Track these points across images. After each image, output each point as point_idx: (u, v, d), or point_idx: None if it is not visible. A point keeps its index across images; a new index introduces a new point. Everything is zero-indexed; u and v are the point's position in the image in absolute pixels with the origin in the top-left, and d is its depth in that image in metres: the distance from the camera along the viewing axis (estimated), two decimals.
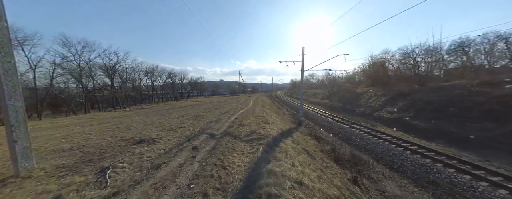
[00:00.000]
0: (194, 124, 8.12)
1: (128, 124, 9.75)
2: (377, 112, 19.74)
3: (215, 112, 12.05)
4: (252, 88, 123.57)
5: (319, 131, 14.31)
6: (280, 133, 6.84)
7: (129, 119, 12.70)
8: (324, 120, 19.35)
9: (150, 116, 13.81)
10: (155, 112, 17.34)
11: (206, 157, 4.22)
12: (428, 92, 18.31)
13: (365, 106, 22.70)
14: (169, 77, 55.40)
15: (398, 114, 17.08)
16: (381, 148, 10.40)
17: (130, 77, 38.94)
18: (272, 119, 8.90)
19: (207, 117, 9.70)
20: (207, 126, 7.66)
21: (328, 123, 17.73)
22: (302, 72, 17.29)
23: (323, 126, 16.98)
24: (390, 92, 22.47)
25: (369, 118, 19.71)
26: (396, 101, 19.81)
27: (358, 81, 39.10)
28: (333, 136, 11.95)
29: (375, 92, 24.65)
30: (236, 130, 6.89)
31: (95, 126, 10.11)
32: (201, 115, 10.30)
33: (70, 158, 4.40)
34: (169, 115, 13.05)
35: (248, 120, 8.68)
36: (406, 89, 21.21)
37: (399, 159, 8.83)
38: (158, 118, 12.08)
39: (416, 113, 16.16)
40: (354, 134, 13.44)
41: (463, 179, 6.74)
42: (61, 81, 28.74)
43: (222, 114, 10.72)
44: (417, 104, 17.14)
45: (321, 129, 15.77)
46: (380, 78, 27.30)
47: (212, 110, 13.29)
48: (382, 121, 17.66)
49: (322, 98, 38.95)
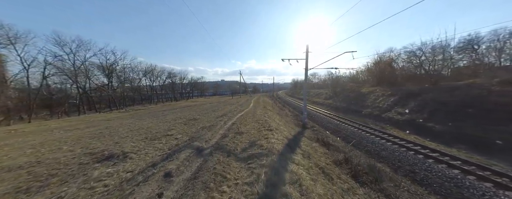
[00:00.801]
0: (184, 131, 7.10)
1: (115, 128, 8.77)
2: (386, 113, 18.57)
3: (212, 114, 11.02)
4: (253, 88, 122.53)
5: (325, 134, 13.21)
6: (286, 143, 5.69)
7: (119, 122, 11.73)
8: (329, 122, 18.23)
9: (143, 118, 12.83)
10: (150, 114, 16.39)
11: (179, 195, 2.89)
12: (440, 92, 17.12)
13: (372, 107, 21.52)
14: (169, 77, 54.58)
15: (410, 115, 15.91)
16: (397, 155, 9.27)
17: (128, 77, 38.09)
18: (275, 124, 7.80)
19: (202, 121, 8.65)
20: (198, 134, 6.53)
21: (334, 125, 16.61)
22: (306, 71, 16.20)
23: (328, 128, 15.87)
24: (398, 92, 21.26)
25: (377, 119, 18.55)
26: (406, 101, 18.62)
27: (362, 80, 37.88)
28: (345, 143, 10.87)
29: (382, 92, 23.46)
30: (232, 141, 5.54)
31: (78, 131, 9.14)
32: (196, 119, 9.27)
33: (6, 183, 3.37)
34: (163, 118, 12.06)
35: (248, 126, 7.43)
36: (416, 89, 20.01)
37: (421, 169, 7.71)
38: (150, 120, 11.10)
39: (430, 114, 14.98)
40: (364, 138, 12.31)
41: (507, 197, 5.62)
42: (58, 82, 28.03)
43: (218, 117, 9.67)
44: (430, 104, 15.96)
45: (327, 131, 14.67)
46: (387, 78, 26.08)
47: (209, 112, 12.27)
48: (392, 123, 16.50)
49: (325, 98, 37.78)
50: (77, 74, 24.79)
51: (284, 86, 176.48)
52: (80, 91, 25.47)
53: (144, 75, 44.06)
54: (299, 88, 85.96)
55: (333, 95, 35.62)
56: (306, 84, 16.51)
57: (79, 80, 27.69)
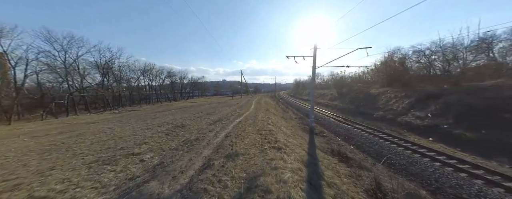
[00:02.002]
0: (160, 146, 5.44)
1: (85, 137, 7.18)
2: (401, 117, 16.74)
3: (205, 119, 9.38)
4: (255, 89, 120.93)
5: (338, 141, 11.48)
6: (305, 176, 3.66)
7: (99, 126, 10.17)
8: (338, 126, 16.47)
9: (129, 122, 11.25)
10: (141, 116, 14.82)
11: None
12: (464, 94, 15.26)
13: (385, 109, 19.69)
14: (168, 77, 53.20)
15: (432, 120, 14.07)
16: (431, 171, 7.52)
17: (125, 77, 36.70)
18: (283, 135, 5.96)
19: (190, 129, 6.95)
20: (172, 156, 4.65)
21: (344, 130, 14.85)
22: (314, 70, 14.47)
23: (339, 133, 14.12)
24: (414, 93, 19.42)
25: (392, 123, 16.72)
26: (425, 103, 16.79)
27: (369, 81, 35.97)
28: (363, 154, 9.13)
29: (395, 94, 21.61)
30: (216, 180, 3.35)
31: (42, 139, 7.56)
32: (184, 126, 7.61)
33: None
34: (150, 121, 10.47)
35: (246, 140, 5.37)
36: (435, 90, 18.16)
37: (471, 195, 5.96)
38: (134, 125, 9.51)
39: (456, 119, 13.14)
40: (383, 147, 10.56)
41: None
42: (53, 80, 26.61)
43: (212, 123, 7.99)
44: (455, 107, 14.11)
45: (338, 138, 12.94)
46: (398, 78, 24.20)
47: (203, 116, 10.64)
48: (410, 128, 14.68)
49: (330, 99, 35.94)
50: (68, 73, 23.36)
51: (286, 86, 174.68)
52: (71, 90, 23.98)
53: (142, 74, 42.68)
54: (301, 89, 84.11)
55: (339, 96, 33.80)
56: (314, 85, 14.78)
57: (72, 79, 26.32)
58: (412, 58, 28.10)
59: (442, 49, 26.03)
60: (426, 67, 27.63)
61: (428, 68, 27.62)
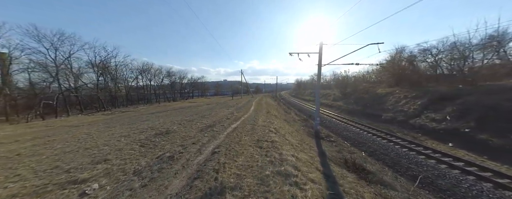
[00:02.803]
0: (124, 166, 4.01)
1: (48, 148, 5.98)
2: (414, 119, 15.44)
3: (198, 123, 8.13)
4: (255, 89, 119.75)
5: (348, 148, 10.23)
6: None
7: (80, 131, 9.00)
8: (346, 129, 15.20)
9: (115, 125, 10.07)
10: (132, 118, 13.66)
11: None
12: (483, 95, 13.95)
13: (395, 111, 18.39)
14: (167, 76, 52.09)
15: (450, 123, 12.77)
16: (466, 188, 6.27)
17: (122, 76, 35.57)
18: (290, 149, 4.53)
19: (174, 137, 5.65)
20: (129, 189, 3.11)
21: (353, 134, 13.59)
22: (320, 67, 13.26)
23: (347, 138, 12.87)
24: (426, 94, 18.11)
25: (403, 126, 15.44)
26: (439, 105, 15.49)
27: (375, 80, 34.65)
28: (380, 164, 7.89)
29: (404, 94, 20.31)
30: None
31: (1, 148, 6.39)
32: (168, 132, 6.31)
33: None
34: (136, 125, 9.29)
35: (240, 159, 3.87)
36: (449, 90, 16.85)
37: None
38: (118, 129, 8.34)
39: (478, 122, 11.83)
40: (401, 154, 9.30)
41: None
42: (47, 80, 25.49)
43: (204, 129, 6.65)
44: (475, 109, 12.80)
45: (346, 142, 11.68)
46: (407, 77, 22.88)
47: (197, 119, 9.42)
48: (425, 132, 13.38)
49: (333, 99, 34.63)
50: (59, 72, 22.24)
51: (287, 86, 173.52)
52: (63, 90, 22.82)
53: (140, 74, 41.61)
54: (302, 89, 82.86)
55: (343, 96, 32.51)
56: (319, 84, 13.55)
57: (66, 79, 25.24)
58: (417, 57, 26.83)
59: (450, 47, 24.80)
60: (433, 67, 26.35)
61: (434, 68, 26.35)
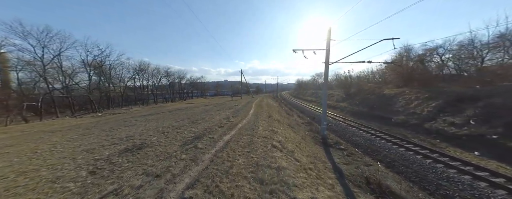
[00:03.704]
0: None
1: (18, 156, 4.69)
2: (429, 123, 14.06)
3: (184, 132, 6.68)
4: (256, 89, 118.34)
5: (363, 158, 8.86)
6: None
7: (50, 139, 7.70)
8: (355, 134, 13.82)
9: (93, 132, 8.76)
10: (118, 122, 12.33)
11: None
12: (509, 96, 12.58)
13: (406, 113, 17.00)
14: (166, 76, 50.81)
15: (474, 128, 11.38)
16: None
17: (117, 76, 34.24)
18: (307, 178, 3.42)
19: (146, 156, 4.33)
20: None
21: (364, 140, 12.22)
22: (327, 65, 11.94)
23: (359, 144, 11.50)
24: (440, 95, 16.73)
25: (417, 130, 14.05)
26: (457, 107, 14.11)
27: (380, 80, 33.28)
28: (408, 183, 6.54)
29: (415, 95, 18.92)
30: None
31: None
32: (143, 147, 4.80)
33: None
34: (114, 132, 7.99)
35: None
36: (467, 91, 15.45)
37: None
38: (93, 137, 7.03)
39: (507, 127, 10.45)
40: (426, 167, 7.94)
41: None
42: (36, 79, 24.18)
43: (188, 142, 5.26)
44: (502, 113, 11.42)
45: (356, 149, 10.32)
46: (418, 77, 21.49)
47: (185, 126, 7.99)
48: (445, 138, 12.00)
49: (337, 100, 33.22)
50: (46, 71, 20.92)
51: (288, 86, 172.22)
52: (50, 89, 21.50)
53: (136, 73, 40.35)
54: (304, 89, 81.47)
55: (347, 97, 31.12)
56: (326, 84, 12.21)
57: (59, 78, 23.98)
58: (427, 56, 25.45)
59: (458, 46, 23.50)
60: (439, 67, 25.04)
61: (440, 67, 25.05)
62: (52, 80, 21.84)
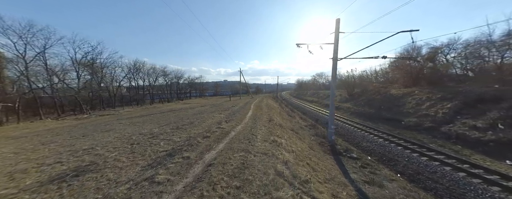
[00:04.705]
0: None
1: None
2: (446, 126, 12.68)
3: (161, 143, 5.17)
4: (256, 89, 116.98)
5: (377, 167, 7.46)
6: None
7: (5, 149, 6.27)
8: (365, 138, 12.43)
9: (57, 141, 7.33)
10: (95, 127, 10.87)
11: None
12: None
13: (418, 115, 15.62)
14: (163, 76, 49.33)
15: (503, 133, 10.00)
16: None
17: (110, 75, 32.70)
18: None
19: (83, 189, 2.99)
20: None
21: (377, 146, 10.83)
22: (335, 61, 10.56)
23: (372, 152, 10.11)
24: (455, 95, 15.38)
25: (434, 135, 12.67)
26: (477, 109, 12.76)
27: (384, 80, 31.97)
28: None
29: (427, 95, 17.58)
30: None
31: None
32: (87, 171, 3.19)
33: None
34: (81, 142, 6.58)
35: None
36: (488, 91, 14.08)
37: None
38: (38, 153, 5.61)
39: None
40: (459, 182, 6.56)
41: None
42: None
43: (156, 163, 3.92)
44: None
45: (369, 157, 8.91)
46: (427, 76, 20.14)
47: (165, 134, 6.39)
48: (467, 144, 10.63)
49: (340, 101, 31.84)
50: (28, 69, 19.39)
51: (288, 87, 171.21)
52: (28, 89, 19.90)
53: (131, 73, 38.88)
54: (304, 89, 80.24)
55: (350, 97, 29.78)
56: (335, 83, 10.81)
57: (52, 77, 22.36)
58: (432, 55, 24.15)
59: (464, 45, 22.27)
60: (444, 66, 23.80)
61: (446, 67, 23.83)
62: (36, 80, 20.23)
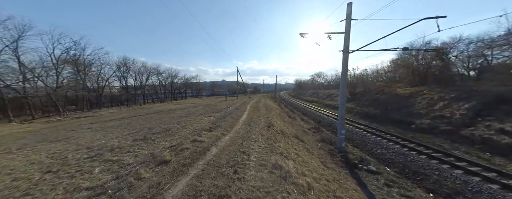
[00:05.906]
0: None
1: None
2: (467, 129, 11.26)
3: (94, 170, 3.47)
4: (254, 89, 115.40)
5: (407, 186, 5.89)
6: None
7: None
8: (379, 144, 10.88)
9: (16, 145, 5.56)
10: (58, 133, 9.07)
11: None
12: None
13: (431, 117, 14.20)
14: (156, 74, 47.15)
15: None
16: None
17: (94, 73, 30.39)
18: None
19: None
20: None
21: (394, 154, 9.30)
22: (347, 54, 9.02)
23: (392, 162, 8.57)
24: (471, 95, 14.02)
25: (453, 139, 11.22)
26: (500, 109, 11.41)
27: (386, 79, 30.70)
28: None
29: (438, 95, 16.24)
30: None
31: None
32: None
33: None
34: (21, 152, 4.84)
35: None
36: (507, 90, 12.72)
37: None
38: None
39: None
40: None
41: None
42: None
43: None
44: None
45: (390, 170, 7.36)
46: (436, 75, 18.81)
47: (118, 149, 4.74)
48: (496, 150, 9.18)
49: None
50: None
51: (286, 86, 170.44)
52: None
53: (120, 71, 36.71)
54: (303, 89, 78.98)
55: (352, 97, 28.37)
56: (345, 81, 9.24)
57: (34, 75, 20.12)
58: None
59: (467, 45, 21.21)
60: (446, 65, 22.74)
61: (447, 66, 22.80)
62: (2, 76, 17.80)
